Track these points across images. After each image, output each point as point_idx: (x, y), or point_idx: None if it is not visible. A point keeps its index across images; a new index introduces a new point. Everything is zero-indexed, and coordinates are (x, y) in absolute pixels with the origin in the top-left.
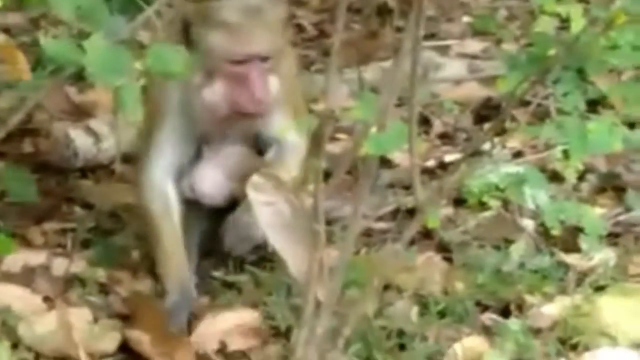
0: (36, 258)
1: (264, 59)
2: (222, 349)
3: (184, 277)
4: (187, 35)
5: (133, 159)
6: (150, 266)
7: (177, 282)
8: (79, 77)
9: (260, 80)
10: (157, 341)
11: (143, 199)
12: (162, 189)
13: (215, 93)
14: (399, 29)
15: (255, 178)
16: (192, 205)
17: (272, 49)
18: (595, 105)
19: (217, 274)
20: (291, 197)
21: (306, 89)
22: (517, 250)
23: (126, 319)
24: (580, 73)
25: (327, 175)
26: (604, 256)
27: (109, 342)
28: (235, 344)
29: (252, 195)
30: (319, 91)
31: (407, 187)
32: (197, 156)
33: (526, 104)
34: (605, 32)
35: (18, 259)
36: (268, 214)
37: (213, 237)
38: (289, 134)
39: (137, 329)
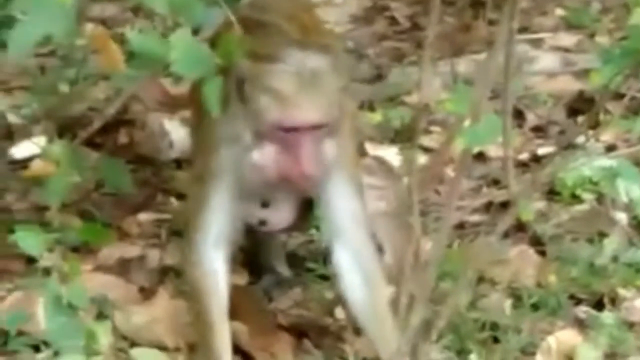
0: (131, 250)
1: (317, 127)
2: (318, 341)
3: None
4: (240, 91)
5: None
6: (245, 258)
7: None
8: None
9: (310, 151)
10: (256, 334)
11: (190, 276)
12: (211, 267)
13: (264, 156)
14: (492, 22)
15: (369, 161)
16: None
17: (327, 118)
18: None
19: (310, 266)
20: (399, 185)
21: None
22: (611, 243)
23: None
24: None
25: None
26: None
27: None
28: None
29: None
30: (413, 84)
31: (499, 181)
32: (263, 205)
33: (620, 97)
34: None
35: (114, 249)
36: (375, 198)
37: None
38: (343, 197)
39: (235, 321)
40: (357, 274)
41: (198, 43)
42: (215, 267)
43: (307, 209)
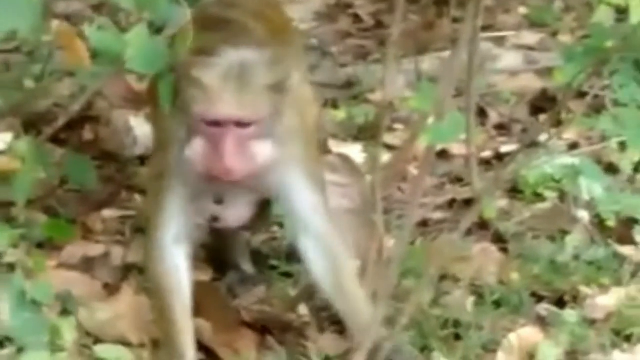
0: (95, 247)
1: (242, 124)
2: (281, 338)
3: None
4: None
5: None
6: (209, 255)
7: None
8: None
9: (232, 147)
10: (219, 330)
11: (152, 273)
12: (173, 263)
13: (193, 150)
14: (456, 20)
15: (332, 159)
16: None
17: (254, 116)
18: None
19: (274, 263)
20: (363, 183)
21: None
22: (573, 241)
23: None
24: (638, 65)
25: None
26: None
27: None
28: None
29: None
30: (377, 82)
31: (462, 179)
32: (217, 201)
33: (582, 95)
34: None
35: (78, 246)
36: (338, 195)
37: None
38: (303, 192)
39: (198, 318)
40: (325, 260)
41: (154, 40)
42: (176, 264)
43: (265, 208)
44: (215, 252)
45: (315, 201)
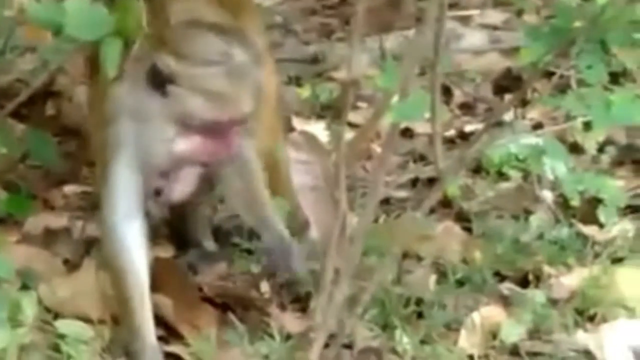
0: (57, 221)
1: (246, 117)
2: (243, 315)
3: (150, 340)
4: (159, 85)
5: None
6: (170, 231)
7: (142, 346)
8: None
9: (236, 139)
10: (180, 307)
11: (105, 251)
12: (125, 241)
13: (189, 146)
14: None
15: (296, 136)
16: None
17: (254, 106)
18: (617, 78)
19: (236, 240)
20: (326, 160)
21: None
22: (536, 220)
23: None
24: (604, 45)
25: None
26: (622, 228)
27: None
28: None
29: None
30: (341, 59)
31: (426, 157)
32: (161, 175)
33: (548, 75)
34: (629, 4)
35: (39, 221)
36: (301, 173)
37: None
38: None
39: (159, 294)
40: (239, 181)
41: (93, 6)
42: (129, 241)
43: (207, 184)
44: (176, 228)
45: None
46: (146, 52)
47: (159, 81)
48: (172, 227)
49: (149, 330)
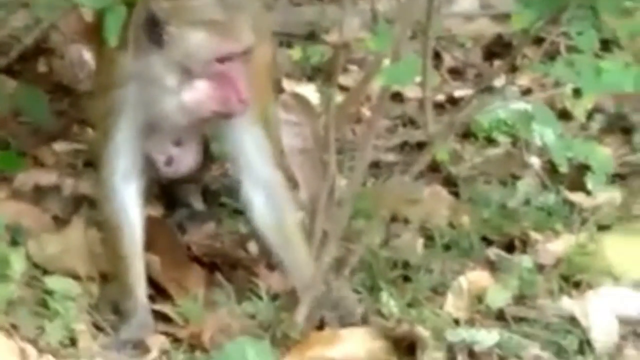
0: (47, 178)
1: (248, 51)
2: (230, 274)
3: (141, 299)
4: (155, 34)
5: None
6: (160, 191)
7: (133, 304)
8: None
9: (244, 76)
10: (168, 266)
11: (102, 210)
12: (122, 201)
13: (196, 94)
14: None
15: (287, 98)
16: None
17: (253, 40)
18: (608, 45)
19: (225, 200)
20: (316, 123)
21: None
22: (524, 186)
23: None
24: (595, 12)
25: None
26: (609, 195)
27: None
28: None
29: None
30: (333, 22)
31: (415, 122)
32: (176, 142)
33: (538, 41)
34: None
35: (29, 178)
36: (291, 134)
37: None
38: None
39: (147, 253)
40: (267, 204)
41: None
42: (126, 202)
43: (207, 156)
44: (165, 187)
45: (261, 143)
46: (140, 9)
47: (157, 29)
48: (162, 186)
49: (142, 289)
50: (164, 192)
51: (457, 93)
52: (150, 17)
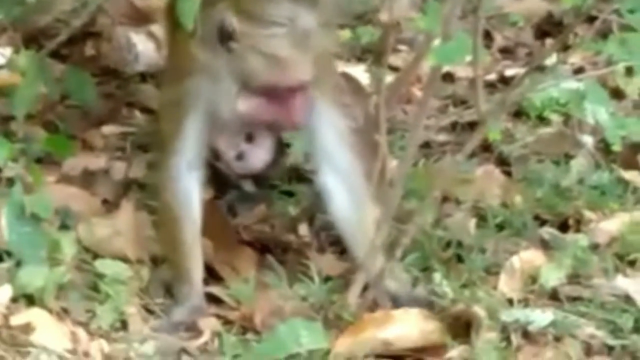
0: (96, 162)
1: (307, 82)
2: (281, 257)
3: (197, 284)
4: (225, 43)
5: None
6: (210, 173)
7: (188, 289)
8: None
9: (300, 104)
10: (220, 248)
11: (164, 198)
12: (186, 190)
13: (251, 106)
14: None
15: (338, 79)
16: None
17: (314, 71)
18: None
19: (275, 182)
20: (367, 103)
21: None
22: (577, 165)
23: None
24: None
25: None
26: None
27: None
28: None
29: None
30: (382, 1)
31: (466, 101)
32: (247, 138)
33: (590, 20)
34: None
35: (78, 162)
36: (342, 116)
37: None
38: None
39: None
40: (349, 199)
41: None
42: (189, 190)
43: (280, 155)
44: (216, 170)
45: (341, 131)
46: (217, 10)
47: (225, 37)
48: (213, 169)
49: (198, 275)
50: (214, 174)
51: (509, 72)
52: (221, 26)
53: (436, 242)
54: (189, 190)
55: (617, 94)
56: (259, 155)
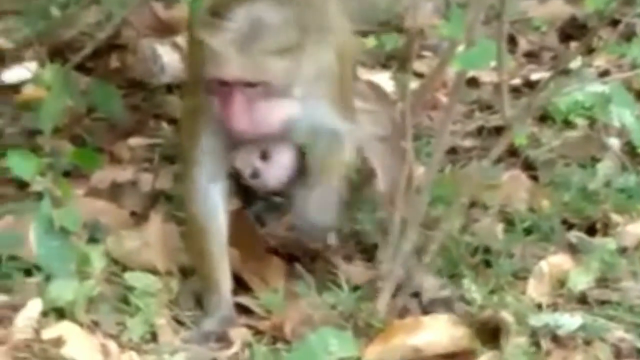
0: (123, 174)
1: (250, 84)
2: (309, 266)
3: (226, 295)
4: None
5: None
6: (238, 184)
7: (217, 300)
8: None
9: (239, 107)
10: (248, 258)
11: (190, 210)
12: (211, 201)
13: (216, 105)
14: None
15: (361, 86)
16: None
17: (263, 76)
18: None
19: None
20: (392, 110)
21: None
22: (603, 168)
23: None
24: None
25: None
26: None
27: None
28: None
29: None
30: (405, 8)
31: (492, 106)
32: (262, 155)
33: (613, 23)
34: None
35: (106, 174)
36: (367, 123)
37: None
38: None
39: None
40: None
41: None
42: (213, 200)
43: (300, 171)
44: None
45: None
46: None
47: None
48: (238, 179)
49: (227, 285)
50: (240, 184)
51: (534, 76)
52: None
53: (464, 247)
54: (214, 201)
55: None
56: (274, 174)
